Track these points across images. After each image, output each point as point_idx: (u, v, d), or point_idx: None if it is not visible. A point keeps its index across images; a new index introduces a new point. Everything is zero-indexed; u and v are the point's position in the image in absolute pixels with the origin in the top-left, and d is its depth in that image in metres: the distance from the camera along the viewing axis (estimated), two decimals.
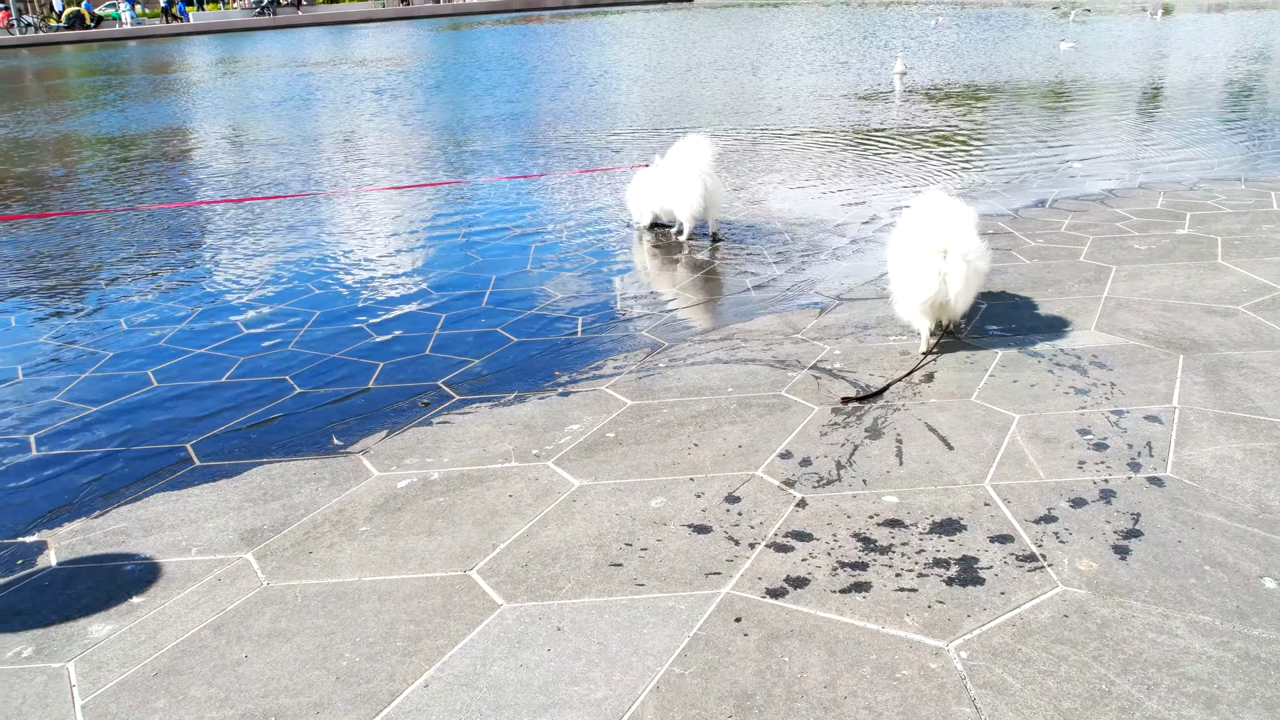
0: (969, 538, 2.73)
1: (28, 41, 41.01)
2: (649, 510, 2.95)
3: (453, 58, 23.13)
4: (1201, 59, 15.27)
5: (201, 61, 27.05)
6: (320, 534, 2.94)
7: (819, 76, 15.16)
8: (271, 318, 5.02)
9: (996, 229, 5.93)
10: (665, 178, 5.96)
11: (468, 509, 3.02)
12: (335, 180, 8.74)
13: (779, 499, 2.98)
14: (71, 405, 4.05)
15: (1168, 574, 2.52)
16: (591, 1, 54.16)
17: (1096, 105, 11.18)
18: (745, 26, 29.60)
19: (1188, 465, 3.06)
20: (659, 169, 5.99)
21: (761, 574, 2.61)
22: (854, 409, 3.56)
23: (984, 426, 3.38)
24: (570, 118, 11.99)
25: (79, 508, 3.21)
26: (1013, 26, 24.20)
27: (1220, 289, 4.65)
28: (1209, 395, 3.53)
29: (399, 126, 12.24)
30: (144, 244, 6.77)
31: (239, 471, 3.38)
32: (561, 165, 8.81)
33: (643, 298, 5.04)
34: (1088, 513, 2.82)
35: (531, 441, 3.46)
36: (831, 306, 4.73)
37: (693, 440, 3.38)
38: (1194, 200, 6.40)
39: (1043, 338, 4.15)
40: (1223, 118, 10.04)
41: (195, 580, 2.74)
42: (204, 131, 12.82)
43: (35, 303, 5.59)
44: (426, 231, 6.73)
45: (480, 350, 4.40)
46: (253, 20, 47.34)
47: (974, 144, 8.97)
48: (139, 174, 9.61)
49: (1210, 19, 24.22)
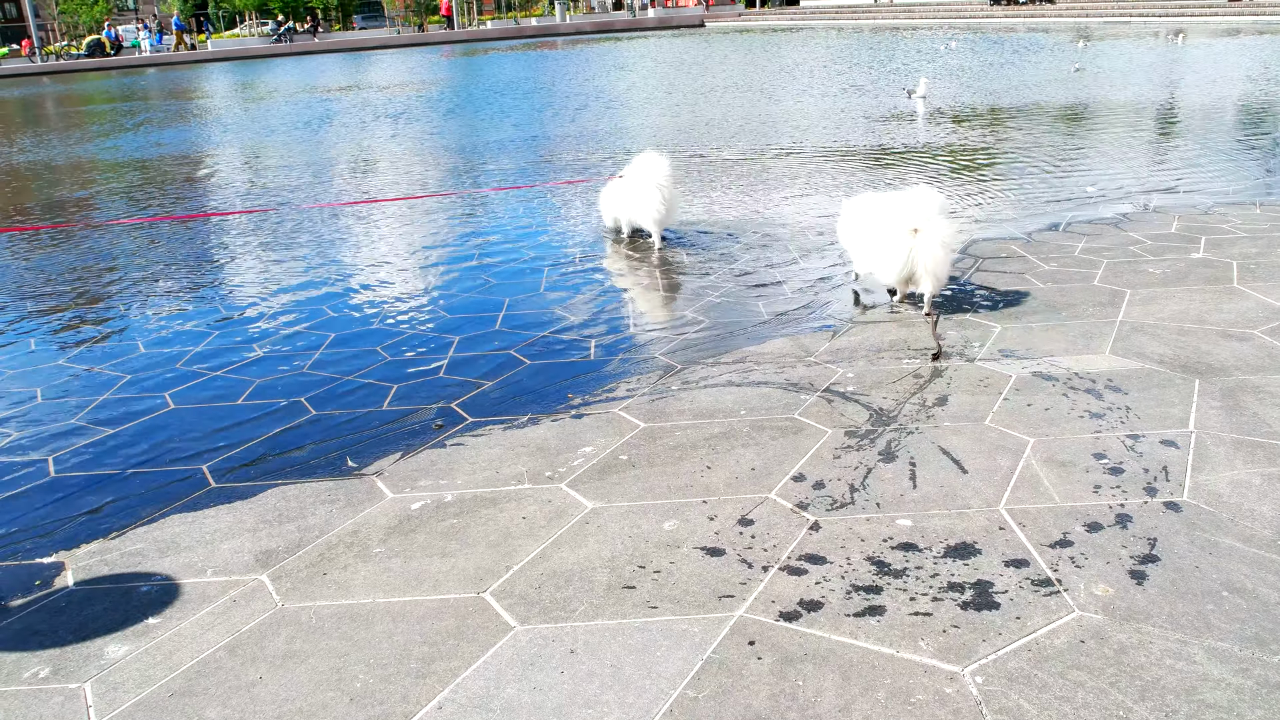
0: (984, 562, 2.72)
1: (49, 69, 41.56)
2: (662, 532, 2.95)
3: (468, 83, 23.32)
4: (1216, 82, 15.27)
5: (220, 87, 27.36)
6: (334, 555, 2.95)
7: (834, 100, 15.22)
8: (287, 340, 5.05)
9: (1010, 252, 5.93)
10: (629, 189, 6.49)
11: (481, 531, 3.03)
12: (349, 205, 8.81)
13: (792, 522, 2.97)
14: (89, 427, 4.08)
15: (1185, 600, 2.50)
16: (604, 27, 54.63)
17: (1110, 128, 11.19)
18: (758, 51, 29.77)
19: (1205, 490, 3.04)
20: (624, 181, 6.57)
21: (775, 597, 2.60)
22: (866, 432, 3.55)
23: (998, 450, 3.37)
24: (586, 140, 12.07)
25: (96, 529, 3.23)
26: (1026, 51, 24.27)
27: (1236, 313, 4.63)
28: (1225, 420, 3.52)
29: (414, 149, 12.34)
30: (161, 266, 6.84)
31: (254, 493, 3.40)
32: (577, 188, 8.86)
33: (655, 320, 5.05)
34: (1104, 537, 2.81)
35: (545, 463, 3.47)
36: (844, 329, 4.74)
37: (706, 463, 3.39)
38: (1209, 224, 6.39)
39: (1057, 361, 4.15)
40: (1237, 141, 10.03)
41: (211, 601, 2.75)
42: (222, 154, 12.95)
43: (54, 325, 5.64)
44: (440, 253, 6.77)
45: (494, 372, 4.42)
46: (270, 47, 47.90)
47: (986, 167, 8.98)
48: (156, 194, 9.72)
49: (1223, 43, 24.24)
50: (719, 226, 7.10)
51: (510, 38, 50.06)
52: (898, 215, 4.71)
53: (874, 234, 4.89)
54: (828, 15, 52.43)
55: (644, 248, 6.64)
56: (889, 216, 4.77)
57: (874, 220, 4.91)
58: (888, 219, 4.78)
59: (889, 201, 4.89)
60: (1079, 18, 38.84)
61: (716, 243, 6.60)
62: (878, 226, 4.85)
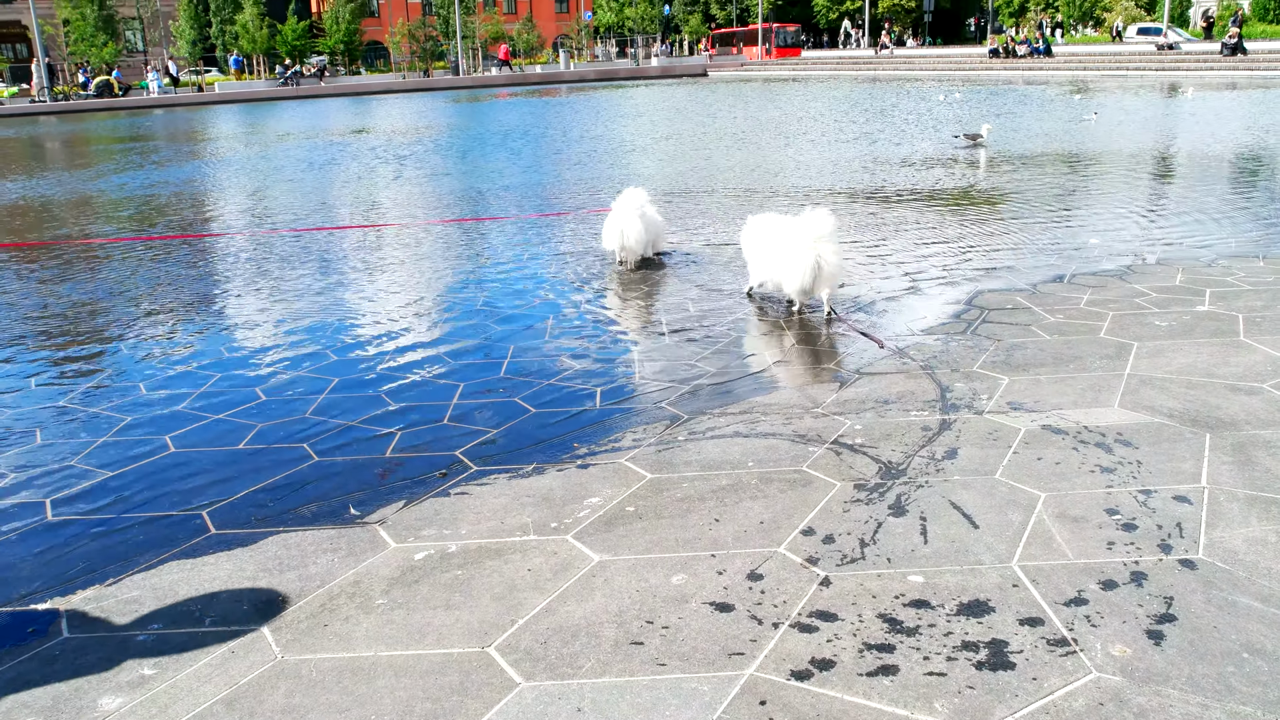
0: (998, 620, 2.67)
1: (57, 109, 41.96)
2: (670, 587, 2.90)
3: (473, 128, 23.52)
4: (1217, 136, 15.41)
5: (228, 130, 27.59)
6: (336, 606, 2.90)
7: (844, 147, 15.34)
8: (290, 384, 5.02)
9: (1015, 304, 5.93)
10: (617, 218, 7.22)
11: (486, 583, 2.98)
12: (354, 247, 8.82)
13: (802, 577, 2.93)
14: (88, 470, 4.04)
15: (1205, 661, 2.45)
16: (607, 75, 55.26)
17: (1113, 179, 11.25)
18: (761, 100, 30.08)
19: (1220, 547, 3.00)
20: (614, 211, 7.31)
21: (786, 655, 2.55)
22: (875, 485, 3.51)
23: (1009, 505, 3.33)
24: (594, 186, 12.13)
25: (92, 575, 3.17)
26: (1031, 102, 24.53)
27: (1244, 367, 4.61)
28: (1238, 475, 3.48)
29: (419, 194, 12.39)
30: (164, 307, 6.82)
31: (255, 540, 3.35)
32: (584, 235, 8.88)
33: (662, 369, 5.03)
34: (1119, 595, 2.76)
35: (550, 514, 3.42)
36: (851, 380, 4.71)
37: (714, 515, 3.34)
38: (1213, 276, 6.40)
39: (1066, 414, 4.12)
40: (1240, 193, 10.08)
41: (208, 652, 2.70)
42: (228, 193, 13.00)
43: (55, 365, 5.61)
44: (445, 299, 6.76)
45: (498, 420, 4.39)
46: (277, 90, 48.38)
47: (990, 218, 9.01)
48: (163, 231, 9.73)
49: (1226, 97, 24.51)
50: (735, 265, 7.10)
51: (515, 84, 50.61)
52: (798, 233, 5.53)
53: (777, 249, 5.72)
54: (828, 66, 53.11)
55: (648, 294, 6.63)
56: (791, 235, 5.61)
57: (776, 237, 5.76)
58: (790, 237, 5.61)
59: (790, 222, 5.71)
60: (1076, 71, 39.34)
61: (725, 283, 6.59)
62: (780, 243, 5.69)
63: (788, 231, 5.65)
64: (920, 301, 6.12)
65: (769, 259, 5.82)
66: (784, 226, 5.74)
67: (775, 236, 5.77)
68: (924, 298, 6.20)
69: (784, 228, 5.72)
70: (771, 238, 5.82)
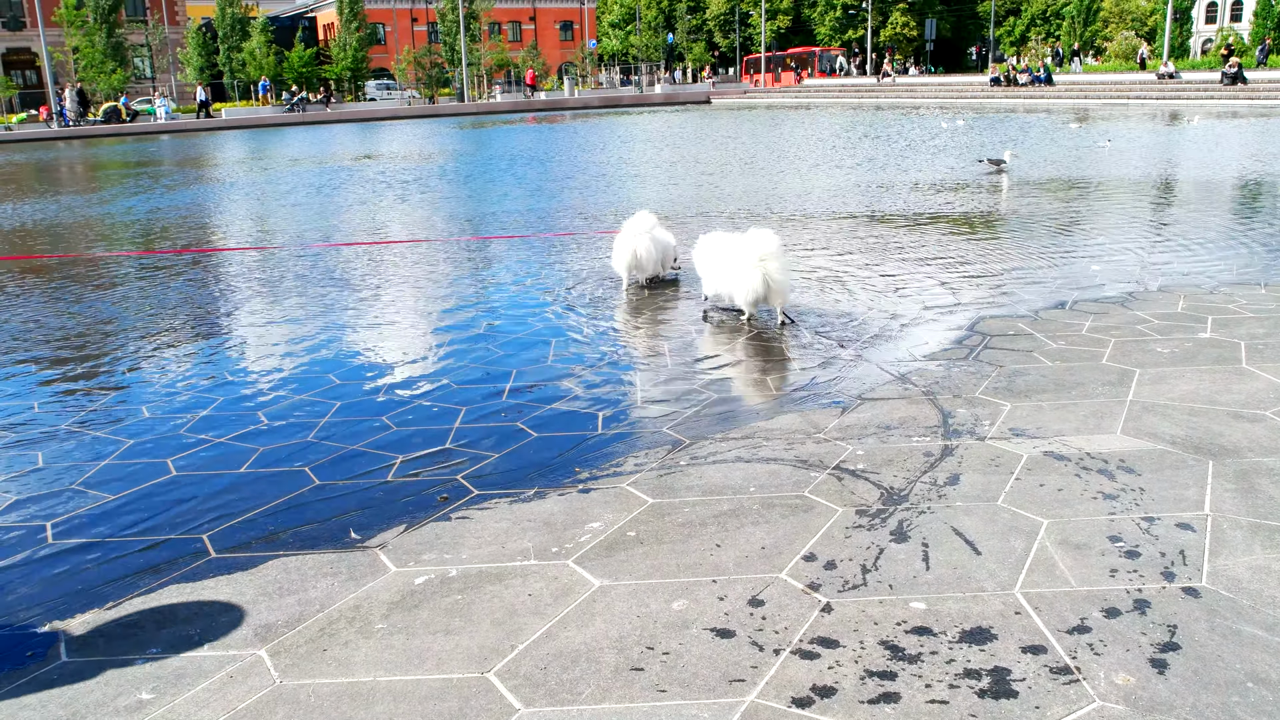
0: (1000, 647, 2.65)
1: (65, 134, 42.25)
2: (671, 612, 2.89)
3: (478, 153, 23.65)
4: (1220, 163, 15.46)
5: (234, 155, 27.76)
6: (335, 631, 2.89)
7: (850, 173, 15.41)
8: (292, 408, 5.03)
9: (1017, 330, 5.93)
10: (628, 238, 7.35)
11: (486, 608, 2.97)
12: (358, 270, 8.85)
13: (804, 603, 2.91)
14: (89, 493, 4.04)
15: (1209, 690, 2.43)
16: (611, 101, 55.62)
17: (1114, 206, 11.29)
18: (765, 127, 30.25)
19: (1223, 575, 2.99)
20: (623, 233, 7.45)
21: (787, 681, 2.53)
22: (877, 511, 3.51)
23: (1011, 531, 3.32)
24: (600, 212, 12.17)
25: (91, 599, 3.17)
26: (1034, 130, 24.65)
27: (1246, 394, 4.61)
28: (1241, 503, 3.47)
29: (423, 219, 12.45)
30: (167, 330, 6.84)
31: (254, 564, 3.34)
32: (588, 258, 8.90)
33: (664, 393, 5.03)
34: (1122, 623, 2.74)
35: (551, 539, 3.41)
36: (853, 405, 4.71)
37: (715, 540, 3.33)
38: (1215, 304, 6.40)
39: (1068, 441, 4.11)
40: (1241, 221, 10.10)
41: (207, 676, 2.69)
42: (234, 216, 13.07)
43: (57, 387, 5.62)
44: (447, 323, 6.78)
45: (500, 445, 4.38)
46: (282, 116, 48.70)
47: (990, 243, 9.03)
48: (167, 253, 9.78)
49: (1228, 125, 24.61)
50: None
51: (520, 110, 50.93)
52: (748, 249, 5.99)
53: (728, 264, 6.19)
54: (830, 94, 53.41)
55: (651, 317, 6.65)
56: (741, 251, 6.06)
57: (727, 254, 6.22)
58: (740, 253, 6.07)
59: (739, 239, 6.17)
60: (1077, 99, 39.54)
61: (739, 316, 6.60)
62: (731, 259, 6.15)
63: (736, 250, 6.13)
64: (922, 327, 6.12)
65: (721, 275, 6.32)
66: (733, 245, 6.21)
67: (725, 254, 6.26)
68: (926, 323, 6.21)
69: (733, 246, 6.20)
70: (722, 255, 6.31)
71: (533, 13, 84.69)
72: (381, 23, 74.35)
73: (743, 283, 6.08)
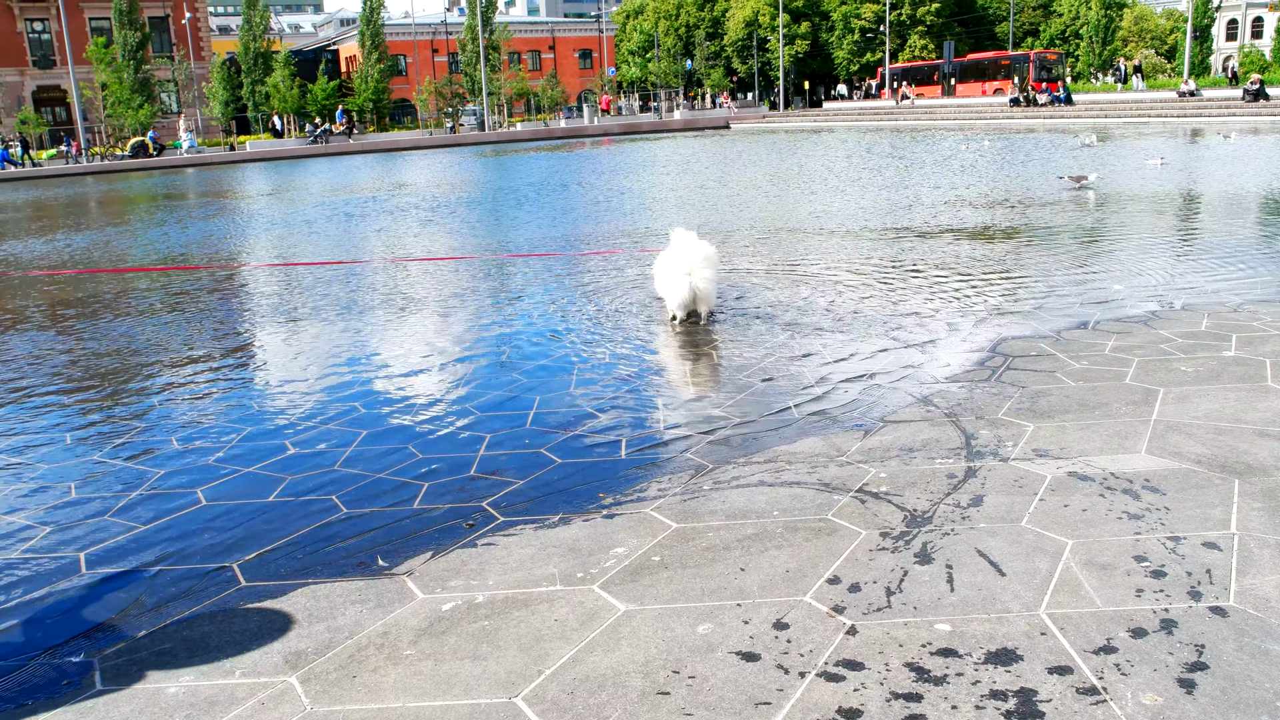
0: (1026, 668, 2.65)
1: (94, 169, 42.98)
2: (696, 637, 2.91)
3: (501, 181, 23.86)
4: (1244, 180, 15.38)
5: (259, 187, 28.12)
6: (364, 657, 2.92)
7: (879, 194, 15.44)
8: (319, 438, 5.09)
9: (1039, 351, 5.92)
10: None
11: (513, 633, 3.00)
12: (380, 296, 8.95)
13: (828, 626, 2.92)
14: (120, 523, 4.10)
15: (1238, 710, 2.42)
16: (631, 128, 55.98)
17: (1136, 225, 11.25)
18: (787, 151, 30.35)
19: (1251, 595, 2.97)
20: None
21: (813, 704, 2.54)
22: (900, 533, 3.51)
23: (1036, 552, 3.32)
24: (625, 240, 12.25)
25: (124, 627, 3.22)
26: (1061, 150, 24.61)
27: (1272, 412, 4.58)
28: (1268, 522, 3.45)
29: (444, 246, 12.57)
30: (195, 361, 6.94)
31: (284, 592, 3.38)
32: (611, 283, 8.96)
33: (686, 418, 5.06)
34: (1149, 643, 2.74)
35: (576, 564, 3.44)
36: (876, 428, 4.72)
37: (739, 564, 3.35)
38: (1239, 322, 6.37)
39: (1092, 461, 4.10)
40: (1265, 238, 10.05)
41: (239, 703, 2.72)
42: (259, 243, 13.24)
43: (89, 418, 5.72)
44: (470, 351, 6.84)
45: (524, 471, 4.42)
46: (306, 148, 49.36)
47: (1011, 263, 9.02)
48: (193, 283, 9.92)
49: (1263, 141, 24.48)
50: (765, 309, 7.14)
51: (541, 139, 51.35)
52: (677, 260, 6.71)
53: (665, 275, 6.92)
54: (849, 117, 53.56)
55: (673, 341, 6.69)
56: (673, 261, 6.77)
57: (666, 264, 6.91)
58: (672, 263, 6.78)
59: (673, 250, 6.82)
60: (1097, 118, 39.46)
61: (753, 325, 6.63)
62: (667, 269, 6.87)
63: (672, 259, 6.82)
64: (944, 349, 6.12)
65: (661, 282, 7.07)
66: (671, 255, 6.87)
67: (666, 264, 6.95)
68: (948, 345, 6.21)
69: (671, 256, 6.86)
70: (664, 264, 7.00)
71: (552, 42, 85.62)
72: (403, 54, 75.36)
73: (673, 291, 6.79)
